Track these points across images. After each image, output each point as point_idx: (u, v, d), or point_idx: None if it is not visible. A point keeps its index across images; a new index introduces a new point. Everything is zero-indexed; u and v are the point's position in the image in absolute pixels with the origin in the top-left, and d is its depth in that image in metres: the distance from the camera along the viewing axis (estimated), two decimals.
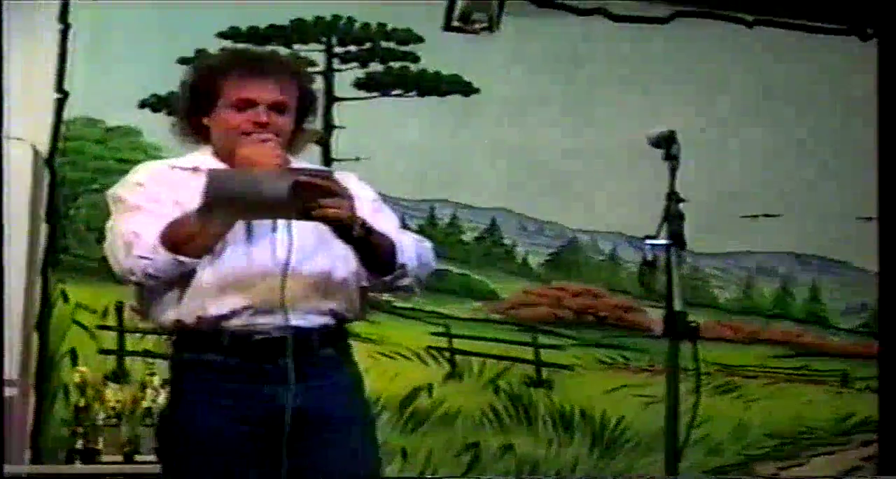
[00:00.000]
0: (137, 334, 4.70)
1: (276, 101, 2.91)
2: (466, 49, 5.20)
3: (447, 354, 5.20)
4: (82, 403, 4.45)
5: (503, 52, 5.28)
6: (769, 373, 5.56)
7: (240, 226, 2.81)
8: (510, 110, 5.32)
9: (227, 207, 2.70)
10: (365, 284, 2.94)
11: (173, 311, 2.88)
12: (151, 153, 4.79)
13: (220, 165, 2.87)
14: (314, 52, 5.07)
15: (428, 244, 3.01)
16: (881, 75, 5.67)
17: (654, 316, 5.09)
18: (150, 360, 4.66)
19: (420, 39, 5.19)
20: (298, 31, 5.06)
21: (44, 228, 4.67)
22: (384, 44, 5.17)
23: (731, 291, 5.64)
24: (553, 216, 5.38)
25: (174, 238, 2.76)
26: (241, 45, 4.90)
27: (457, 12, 5.08)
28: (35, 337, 4.62)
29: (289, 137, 2.95)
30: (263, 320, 2.83)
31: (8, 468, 4.37)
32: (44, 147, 4.70)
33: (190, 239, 2.76)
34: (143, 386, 4.55)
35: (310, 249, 2.86)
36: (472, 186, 5.29)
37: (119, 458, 4.42)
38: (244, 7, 4.98)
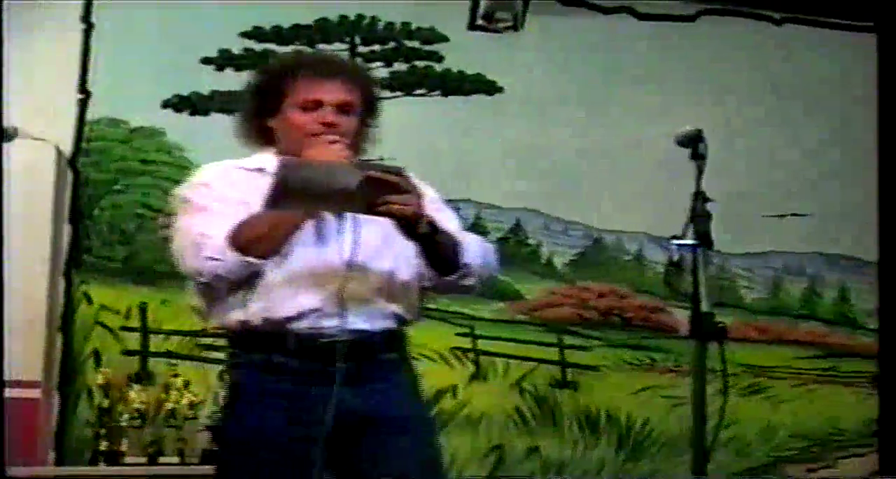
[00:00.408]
0: (161, 336, 4.71)
1: (343, 101, 2.92)
2: (491, 48, 5.17)
3: (472, 355, 5.17)
4: (106, 404, 4.45)
5: (528, 51, 5.25)
6: (797, 374, 5.51)
7: (307, 227, 2.82)
8: (535, 109, 5.29)
9: (297, 195, 2.70)
10: (427, 284, 2.94)
11: (239, 312, 2.88)
12: (175, 154, 4.81)
13: None
14: (338, 52, 5.04)
15: (490, 245, 3.02)
16: (881, 71, 5.62)
17: (681, 317, 5.06)
18: (174, 361, 4.67)
19: (444, 39, 5.17)
20: (322, 30, 5.05)
21: (67, 229, 4.67)
22: (408, 43, 5.15)
23: (758, 291, 5.60)
24: (578, 216, 5.34)
25: (243, 239, 2.77)
26: (266, 45, 4.92)
27: (481, 11, 5.05)
28: (59, 338, 4.62)
29: (354, 137, 2.95)
30: (329, 323, 2.84)
31: (34, 470, 4.39)
32: (67, 148, 4.69)
33: (258, 240, 2.77)
34: (167, 387, 4.54)
35: (375, 250, 2.88)
36: (496, 185, 5.26)
37: (143, 459, 4.42)
38: (268, 6, 4.96)
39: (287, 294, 2.83)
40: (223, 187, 2.91)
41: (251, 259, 2.78)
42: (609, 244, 5.39)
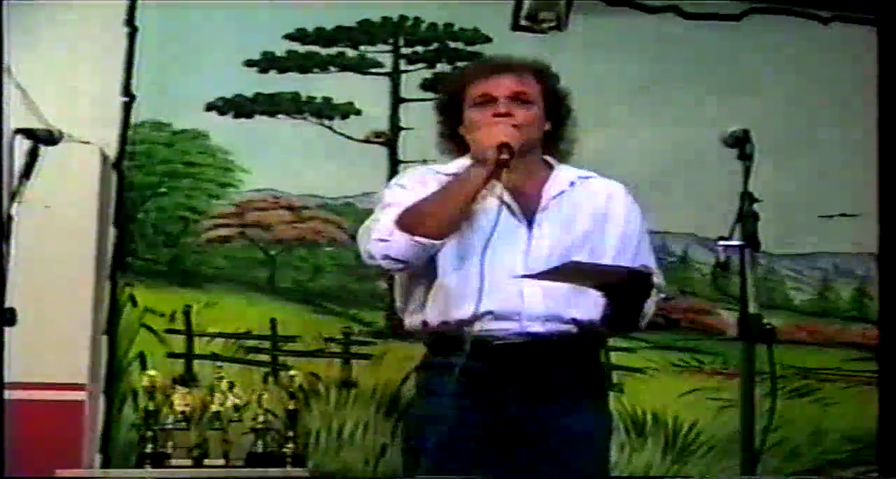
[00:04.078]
0: (205, 338, 4.71)
1: (514, 92, 3.01)
2: (535, 49, 5.10)
3: None
4: (151, 407, 4.44)
5: (572, 51, 5.21)
6: (847, 376, 5.45)
7: (483, 233, 2.90)
8: (579, 110, 5.23)
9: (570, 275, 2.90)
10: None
11: (419, 315, 3.00)
12: (219, 156, 4.81)
13: (480, 172, 2.93)
14: (381, 53, 5.04)
15: (663, 295, 3.16)
16: (881, 67, 5.55)
17: (728, 318, 5.02)
18: (219, 363, 4.66)
19: (487, 39, 5.14)
20: (365, 32, 5.04)
21: (112, 232, 4.68)
22: (451, 44, 5.12)
23: (807, 292, 5.54)
24: None
25: (408, 219, 2.86)
26: (309, 47, 4.93)
27: (524, 11, 5.03)
28: (104, 341, 4.63)
29: (537, 131, 3.07)
30: (503, 326, 2.91)
31: (80, 473, 4.40)
32: (112, 151, 4.71)
33: (424, 219, 2.86)
34: (212, 390, 4.54)
35: (559, 259, 2.92)
36: None
37: (188, 462, 4.42)
38: (311, 8, 4.96)
39: (462, 297, 2.90)
40: (416, 188, 3.00)
41: (419, 239, 2.85)
42: (654, 245, 5.30)
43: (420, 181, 3.06)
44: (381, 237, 2.89)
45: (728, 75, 5.41)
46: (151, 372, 4.51)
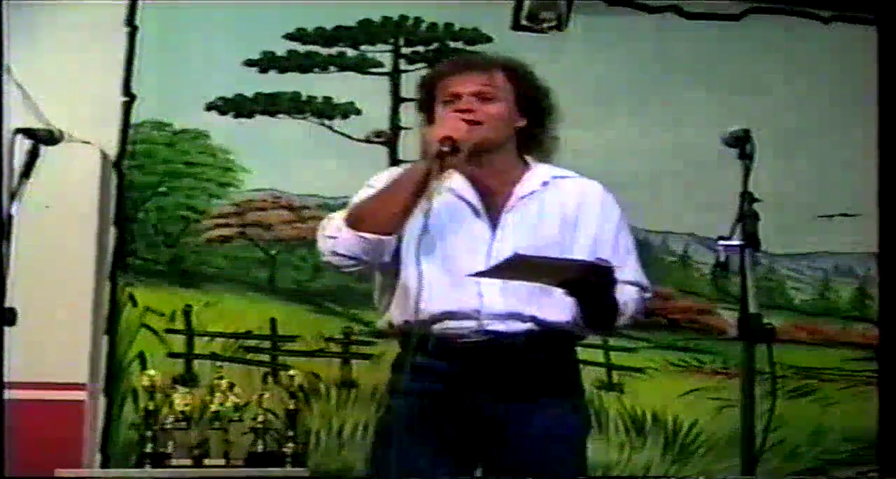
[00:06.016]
0: (205, 338, 4.71)
1: (477, 90, 3.00)
2: (535, 48, 5.11)
3: None
4: (151, 407, 4.45)
5: (572, 51, 5.22)
6: (847, 376, 5.45)
7: (444, 232, 2.92)
8: (580, 110, 5.24)
9: (520, 270, 2.84)
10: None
11: (387, 315, 3.02)
12: (219, 156, 4.82)
13: (422, 164, 2.91)
14: (381, 53, 5.04)
15: (648, 294, 3.08)
16: (881, 67, 5.55)
17: (729, 318, 5.01)
18: (219, 363, 4.67)
19: (488, 39, 5.14)
20: (365, 31, 5.04)
21: (112, 232, 4.68)
22: (452, 44, 5.12)
23: (807, 292, 5.54)
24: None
25: (355, 215, 2.89)
26: (309, 47, 4.93)
27: (525, 11, 5.03)
28: (104, 341, 4.63)
29: (505, 128, 3.03)
30: (463, 325, 2.91)
31: (80, 472, 4.40)
32: (112, 151, 4.71)
33: (369, 216, 2.87)
34: (212, 389, 4.55)
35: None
36: None
37: (188, 462, 4.42)
38: (311, 8, 4.96)
39: (425, 297, 2.87)
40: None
41: (364, 234, 2.86)
42: (654, 245, 5.34)
43: (387, 179, 3.04)
44: (330, 234, 2.93)
45: (728, 75, 5.41)
46: (151, 372, 4.52)
